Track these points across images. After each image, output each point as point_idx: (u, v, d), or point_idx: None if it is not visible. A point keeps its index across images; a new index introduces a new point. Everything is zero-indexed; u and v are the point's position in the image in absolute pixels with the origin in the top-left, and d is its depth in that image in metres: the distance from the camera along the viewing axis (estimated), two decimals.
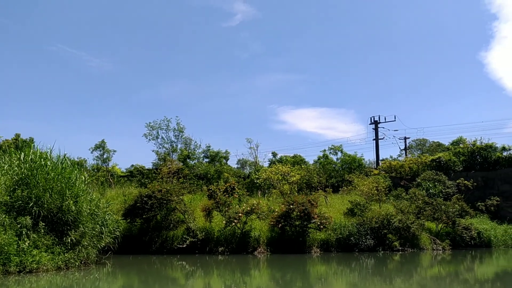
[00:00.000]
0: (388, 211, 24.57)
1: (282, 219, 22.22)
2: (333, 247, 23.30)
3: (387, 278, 15.26)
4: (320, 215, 22.24)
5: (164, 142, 42.63)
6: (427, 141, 67.17)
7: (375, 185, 30.11)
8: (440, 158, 39.85)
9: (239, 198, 25.39)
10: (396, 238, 24.18)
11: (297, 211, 21.96)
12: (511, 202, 34.83)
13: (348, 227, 23.86)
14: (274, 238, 22.79)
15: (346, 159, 43.35)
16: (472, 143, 38.83)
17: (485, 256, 24.77)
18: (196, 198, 27.41)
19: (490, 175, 36.36)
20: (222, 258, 20.59)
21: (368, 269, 18.11)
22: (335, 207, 28.17)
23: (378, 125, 52.62)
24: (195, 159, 37.76)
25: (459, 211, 27.26)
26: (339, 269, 18.31)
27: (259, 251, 22.12)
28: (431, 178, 35.12)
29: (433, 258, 22.40)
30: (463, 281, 15.24)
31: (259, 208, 22.04)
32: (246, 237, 22.37)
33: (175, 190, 22.67)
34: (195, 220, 22.85)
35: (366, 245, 23.22)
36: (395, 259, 21.28)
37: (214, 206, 22.66)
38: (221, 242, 22.21)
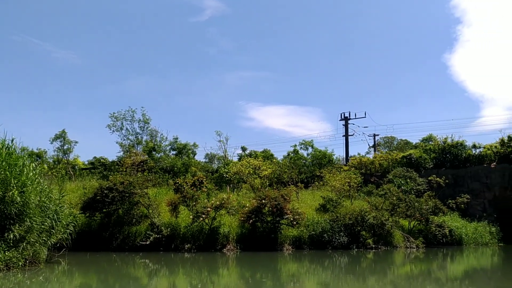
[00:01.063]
0: (362, 208, 23.74)
1: (253, 215, 21.03)
2: (306, 244, 22.33)
3: (361, 277, 14.62)
4: (293, 211, 21.19)
5: (129, 134, 40.69)
6: (395, 139, 67.62)
7: (347, 181, 29.36)
8: (411, 155, 39.61)
9: (208, 192, 24.06)
10: (370, 235, 23.40)
11: (269, 206, 20.83)
12: (480, 200, 34.84)
13: (321, 223, 22.91)
14: (244, 235, 21.59)
15: (316, 155, 42.58)
16: (443, 141, 38.67)
17: (458, 254, 24.47)
18: (162, 192, 25.93)
19: (460, 173, 36.27)
20: (188, 256, 19.30)
21: (341, 267, 17.37)
22: (306, 202, 27.21)
23: (348, 122, 52.25)
24: (161, 152, 36.04)
25: (432, 209, 26.77)
26: (312, 267, 17.45)
27: (228, 249, 20.89)
28: (402, 175, 34.73)
29: (406, 257, 21.79)
30: (435, 279, 14.77)
31: (229, 202, 20.78)
32: (214, 234, 21.06)
33: (138, 182, 21.13)
34: (160, 215, 21.37)
35: (339, 242, 22.33)
36: (368, 257, 20.56)
37: (180, 200, 21.24)
38: (188, 239, 20.82)
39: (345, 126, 51.97)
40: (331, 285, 13.22)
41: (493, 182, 34.55)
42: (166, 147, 37.50)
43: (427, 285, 13.35)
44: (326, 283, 13.52)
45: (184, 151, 36.93)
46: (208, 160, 55.91)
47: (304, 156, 44.68)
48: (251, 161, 28.52)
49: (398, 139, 66.21)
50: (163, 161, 33.81)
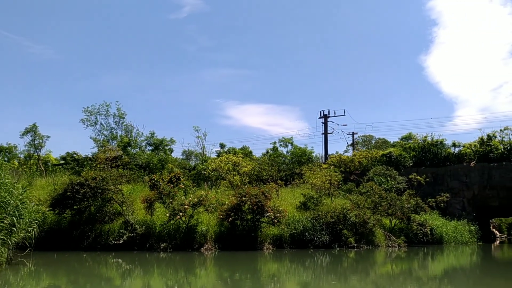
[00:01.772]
0: (344, 206, 23.17)
1: (232, 213, 20.21)
2: (287, 243, 21.68)
3: (342, 277, 14.14)
4: (274, 209, 20.45)
5: (103, 129, 39.29)
6: (373, 138, 67.76)
7: (328, 178, 28.81)
8: (391, 153, 39.40)
9: (185, 189, 23.10)
10: (352, 234, 22.87)
11: (249, 204, 20.04)
12: (459, 199, 34.81)
13: (302, 221, 22.26)
14: (223, 234, 20.76)
15: (296, 152, 42.00)
16: (422, 139, 38.53)
17: (439, 253, 24.23)
18: (137, 188, 24.89)
19: (440, 171, 36.20)
20: (164, 255, 18.39)
21: (323, 267, 16.76)
22: (286, 200, 26.56)
23: (327, 119, 51.84)
24: (136, 147, 34.80)
25: (414, 207, 26.42)
26: (292, 267, 16.80)
27: (206, 248, 20.02)
28: (382, 173, 34.43)
29: (388, 256, 21.34)
30: (416, 279, 14.34)
31: (208, 200, 19.90)
32: (192, 232, 20.14)
33: (112, 178, 20.06)
34: (135, 212, 20.35)
35: (321, 241, 21.72)
36: (350, 257, 20.10)
37: (156, 197, 20.26)
38: (164, 238, 19.86)
39: (324, 124, 51.49)
40: (312, 286, 12.71)
41: (472, 181, 34.55)
42: (142, 142, 36.31)
43: (408, 284, 12.97)
44: (307, 283, 12.96)
45: (160, 147, 35.77)
46: (186, 157, 54.81)
47: (284, 153, 44.07)
48: (230, 157, 27.67)
49: (376, 138, 66.47)
50: (139, 157, 32.61)
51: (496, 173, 33.74)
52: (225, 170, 26.79)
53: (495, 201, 34.06)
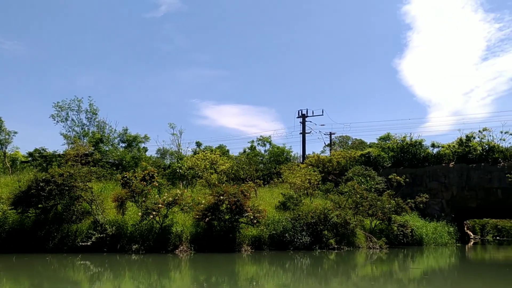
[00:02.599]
0: (326, 206, 22.42)
1: (209, 212, 19.18)
2: (266, 245, 20.80)
3: (323, 280, 13.41)
4: (254, 208, 19.52)
5: (75, 125, 37.60)
6: (350, 138, 67.73)
7: (308, 178, 28.06)
8: (369, 153, 39.01)
9: (159, 187, 21.96)
10: (332, 235, 22.14)
11: (227, 203, 19.05)
12: (438, 200, 34.61)
13: (282, 222, 21.39)
14: (199, 235, 19.71)
15: (274, 151, 41.19)
16: (401, 139, 38.24)
17: (419, 254, 23.67)
18: (108, 187, 23.65)
19: (419, 172, 35.96)
20: (136, 258, 17.25)
21: (303, 269, 15.97)
22: (265, 200, 25.68)
23: (305, 119, 51.28)
24: (109, 144, 33.32)
25: (394, 208, 25.91)
26: (272, 269, 15.92)
27: (181, 250, 18.95)
28: (361, 173, 33.93)
29: (369, 257, 20.68)
30: (397, 281, 13.77)
31: (183, 199, 18.82)
32: (166, 233, 19.04)
33: (80, 175, 18.77)
34: (105, 211, 19.12)
35: (301, 242, 20.89)
36: (331, 259, 19.43)
37: (128, 195, 19.06)
38: (136, 239, 18.69)
39: (302, 124, 50.90)
40: None
41: (451, 182, 34.40)
42: (115, 139, 34.77)
43: (388, 286, 12.41)
44: (286, 287, 12.23)
45: (134, 144, 34.38)
46: (161, 156, 53.43)
47: (262, 152, 43.19)
48: (207, 155, 26.60)
49: (353, 139, 66.48)
50: (111, 154, 31.18)
51: (474, 174, 33.66)
52: (201, 168, 25.70)
53: (473, 202, 33.96)
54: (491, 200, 33.16)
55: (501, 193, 32.74)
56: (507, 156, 33.43)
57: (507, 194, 32.53)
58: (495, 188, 32.93)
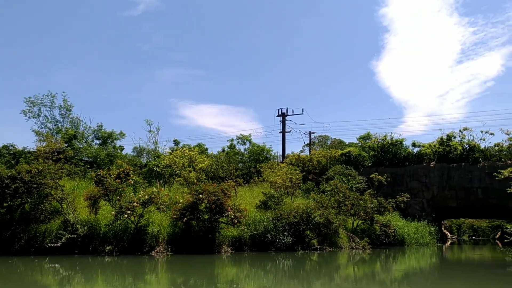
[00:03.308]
0: (308, 205, 21.75)
1: (187, 212, 18.27)
2: (247, 246, 20.04)
3: (305, 282, 12.73)
4: (234, 208, 18.68)
5: (48, 121, 35.89)
6: (329, 138, 67.55)
7: (289, 177, 27.37)
8: (350, 152, 38.64)
9: (135, 186, 20.92)
10: (315, 235, 21.48)
11: (206, 202, 18.17)
12: (419, 199, 34.42)
13: (264, 222, 20.63)
14: (177, 235, 18.78)
15: (254, 150, 40.41)
16: (382, 138, 37.95)
17: (401, 255, 23.34)
18: (82, 185, 22.47)
19: (399, 171, 35.73)
20: (109, 260, 16.23)
21: (285, 271, 15.30)
22: (245, 199, 24.92)
23: (285, 118, 50.67)
24: (83, 141, 31.93)
25: (377, 207, 25.43)
26: (252, 271, 15.20)
27: (157, 251, 18.00)
28: (342, 172, 33.48)
29: (351, 258, 20.13)
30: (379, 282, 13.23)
31: (160, 197, 17.84)
32: (141, 234, 18.04)
33: (50, 172, 17.61)
34: (76, 211, 17.98)
35: (283, 243, 20.17)
36: (313, 259, 18.83)
37: (101, 193, 17.99)
38: (109, 240, 17.64)
39: (282, 123, 50.27)
40: None
41: (432, 181, 34.26)
42: (89, 136, 33.31)
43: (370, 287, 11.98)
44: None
45: (109, 141, 33.06)
46: (137, 154, 52.13)
47: (241, 151, 42.33)
48: (186, 152, 25.59)
49: (332, 138, 66.33)
50: (85, 151, 29.87)
51: (455, 173, 33.58)
52: (179, 166, 24.69)
53: (454, 202, 33.88)
54: (471, 199, 33.12)
55: (481, 193, 32.73)
56: (487, 156, 33.45)
57: (487, 194, 32.53)
58: (475, 187, 32.91)
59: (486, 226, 67.02)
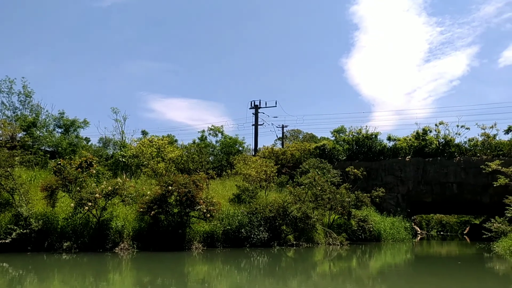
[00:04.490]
0: (285, 199, 20.57)
1: (155, 205, 16.79)
2: (219, 242, 18.80)
3: (281, 280, 11.90)
4: (207, 201, 17.29)
5: (5, 108, 33.40)
6: (301, 132, 66.91)
7: (264, 169, 26.14)
8: (324, 145, 37.78)
9: (98, 176, 19.24)
10: (291, 230, 20.35)
11: (176, 195, 16.72)
12: (394, 194, 33.80)
13: (238, 216, 19.34)
14: (143, 230, 17.27)
15: (227, 142, 38.99)
16: (357, 132, 37.17)
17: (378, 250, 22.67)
18: (40, 176, 20.57)
19: (374, 166, 35.01)
20: (67, 257, 14.66)
21: (260, 268, 14.27)
22: (218, 192, 23.53)
23: (258, 110, 49.42)
24: (43, 129, 29.69)
25: (354, 201, 24.52)
26: (225, 269, 14.10)
27: (122, 247, 16.47)
28: (316, 166, 32.46)
29: (328, 254, 19.16)
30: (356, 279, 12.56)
31: (125, 189, 16.27)
32: (104, 229, 16.43)
33: None
34: (31, 203, 16.17)
35: (259, 238, 18.95)
36: (290, 256, 17.92)
37: (59, 184, 16.26)
38: (68, 235, 15.97)
39: (255, 115, 48.97)
40: None
41: (407, 176, 33.69)
42: (50, 124, 31.03)
43: (347, 285, 11.27)
44: (240, 287, 10.68)
45: (71, 130, 30.92)
46: (103, 145, 49.81)
47: (213, 143, 40.82)
48: (154, 140, 23.94)
49: (304, 132, 65.71)
50: (45, 139, 27.76)
51: (431, 168, 33.11)
52: (147, 156, 23.05)
53: (429, 197, 33.41)
54: (447, 194, 32.74)
55: (456, 188, 32.38)
56: (463, 151, 33.12)
57: (462, 189, 32.21)
58: (450, 182, 32.53)
59: (455, 221, 67.79)
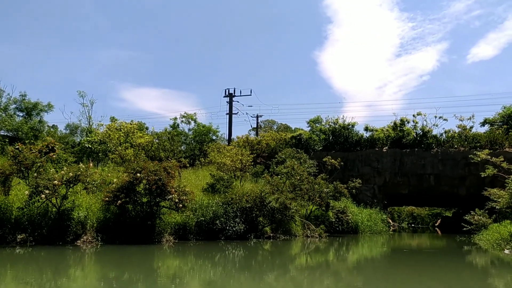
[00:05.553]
0: (263, 189, 19.45)
1: (122, 194, 15.43)
2: (192, 234, 17.62)
3: (257, 274, 11.18)
4: (179, 190, 15.99)
5: None
6: (275, 123, 66.17)
7: (239, 158, 24.94)
8: (300, 135, 36.87)
9: (59, 161, 17.65)
10: (268, 222, 19.28)
11: (146, 183, 15.35)
12: (370, 185, 33.18)
13: (212, 207, 18.11)
14: (109, 221, 15.89)
15: (200, 130, 37.55)
16: (333, 121, 36.36)
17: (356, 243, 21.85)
18: None
19: (351, 156, 34.28)
20: (22, 251, 13.27)
21: (235, 262, 13.33)
22: (191, 182, 22.31)
23: (233, 99, 48.11)
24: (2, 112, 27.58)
25: (333, 192, 23.62)
26: (198, 263, 12.97)
27: (84, 240, 15.09)
28: (292, 156, 31.50)
29: (306, 247, 18.27)
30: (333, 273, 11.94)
31: (88, 175, 14.80)
32: (65, 219, 14.95)
33: None
34: None
35: (234, 230, 17.79)
36: (266, 249, 16.95)
37: (14, 169, 14.68)
38: (23, 226, 14.46)
39: (229, 103, 47.65)
40: (220, 286, 9.66)
41: (384, 167, 33.10)
42: (10, 106, 28.83)
43: (324, 279, 10.68)
44: (214, 283, 9.82)
45: (34, 113, 28.87)
46: (70, 132, 47.59)
47: (185, 131, 39.30)
48: (122, 124, 22.35)
49: (278, 123, 65.00)
50: (3, 123, 25.76)
51: (408, 159, 32.61)
52: (115, 142, 21.47)
53: (405, 189, 32.94)
54: (424, 186, 32.34)
55: (433, 180, 32.01)
56: (440, 142, 32.74)
57: (439, 181, 31.87)
58: (428, 174, 32.14)
59: (426, 214, 68.28)
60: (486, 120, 36.57)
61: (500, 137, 31.19)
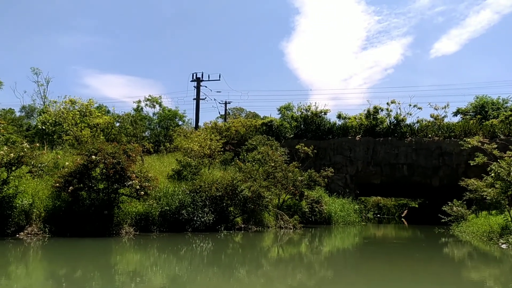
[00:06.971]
0: (234, 176, 17.92)
1: (75, 179, 13.58)
2: (156, 225, 16.03)
3: (227, 269, 10.24)
4: (141, 175, 14.23)
5: None
6: (244, 111, 64.98)
7: (208, 143, 23.29)
8: (272, 122, 35.56)
9: (6, 144, 15.56)
10: (240, 212, 17.80)
11: (103, 167, 13.52)
12: (342, 175, 32.23)
13: (179, 195, 16.46)
14: (59, 211, 14.02)
15: (165, 114, 35.58)
16: (305, 108, 35.18)
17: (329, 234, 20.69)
18: None
19: (323, 144, 33.21)
20: None
21: (203, 256, 12.01)
22: (155, 168, 20.53)
23: (200, 83, 46.22)
24: None
25: (307, 181, 22.36)
26: (162, 258, 11.63)
27: (29, 232, 13.24)
28: (263, 143, 30.15)
29: (279, 239, 17.04)
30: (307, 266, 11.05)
31: (34, 157, 12.83)
32: (5, 208, 12.96)
33: None
34: None
35: (203, 221, 16.22)
36: (238, 241, 15.68)
37: None
38: None
39: (197, 88, 45.73)
40: (185, 282, 8.63)
41: (356, 156, 32.20)
42: None
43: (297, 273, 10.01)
44: (179, 279, 8.83)
45: None
46: (26, 115, 44.71)
47: (150, 116, 37.24)
48: (78, 102, 20.25)
49: (247, 111, 63.86)
50: None
51: (381, 148, 31.82)
52: (70, 122, 19.39)
53: (378, 179, 32.18)
54: (396, 176, 31.65)
55: (406, 170, 31.39)
56: (415, 131, 32.07)
57: (413, 171, 31.27)
58: (401, 164, 31.47)
59: (392, 204, 68.61)
60: (459, 110, 36.25)
61: (474, 127, 30.87)
